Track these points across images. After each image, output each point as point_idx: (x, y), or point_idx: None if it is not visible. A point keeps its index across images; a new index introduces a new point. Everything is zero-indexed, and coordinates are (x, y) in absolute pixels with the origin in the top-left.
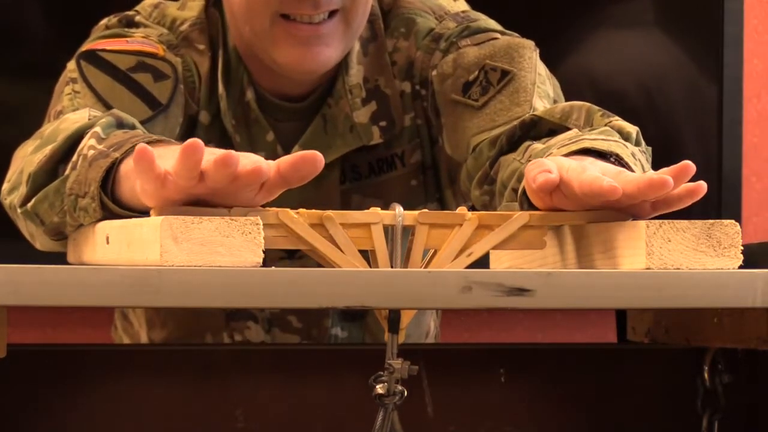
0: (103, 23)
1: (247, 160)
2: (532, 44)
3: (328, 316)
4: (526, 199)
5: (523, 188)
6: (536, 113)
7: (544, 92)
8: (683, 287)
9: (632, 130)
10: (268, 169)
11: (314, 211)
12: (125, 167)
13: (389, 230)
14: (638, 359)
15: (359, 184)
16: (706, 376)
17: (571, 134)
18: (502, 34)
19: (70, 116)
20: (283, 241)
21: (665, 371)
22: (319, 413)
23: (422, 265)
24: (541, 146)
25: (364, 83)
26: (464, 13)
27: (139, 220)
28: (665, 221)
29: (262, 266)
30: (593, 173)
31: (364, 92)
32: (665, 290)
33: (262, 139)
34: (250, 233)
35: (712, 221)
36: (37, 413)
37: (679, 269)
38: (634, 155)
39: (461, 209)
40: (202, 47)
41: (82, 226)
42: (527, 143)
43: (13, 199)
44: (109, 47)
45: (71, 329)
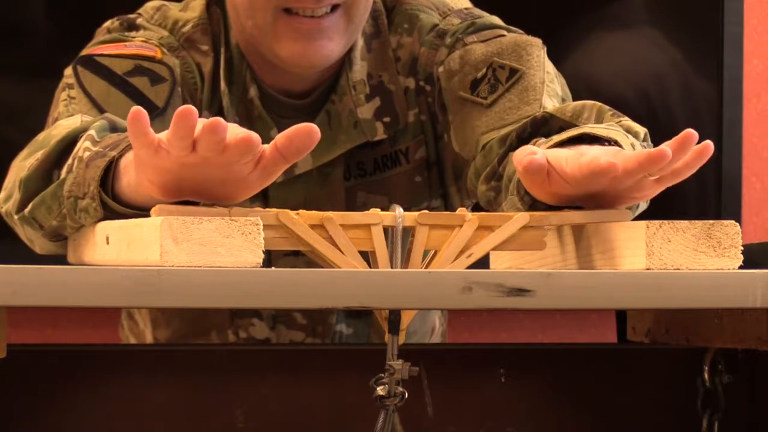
0: (105, 26)
1: (238, 130)
2: (539, 42)
3: (333, 312)
4: (523, 187)
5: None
6: (547, 111)
7: (553, 91)
8: (683, 287)
9: (641, 130)
10: (258, 140)
11: (314, 212)
12: (124, 162)
13: (389, 231)
14: (638, 359)
15: (364, 180)
16: (706, 376)
17: (576, 129)
18: (508, 31)
19: (62, 122)
20: (283, 242)
21: (665, 371)
22: (319, 413)
23: (422, 266)
24: (545, 140)
25: (368, 79)
26: (467, 9)
27: (139, 220)
28: (665, 221)
29: (267, 262)
30: (591, 154)
31: (367, 88)
32: (665, 290)
33: (265, 135)
34: (250, 234)
35: (712, 221)
36: (37, 413)
37: (679, 269)
38: (633, 146)
39: (461, 210)
40: (205, 48)
41: (83, 227)
42: (535, 140)
43: (9, 207)
44: (107, 52)
45: (71, 329)
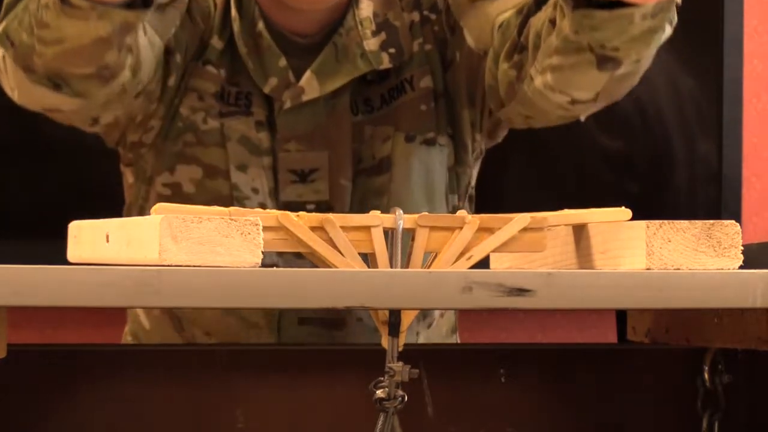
0: None
1: None
2: None
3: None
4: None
5: None
6: None
7: None
8: (683, 287)
9: None
10: None
11: (314, 214)
12: None
13: (390, 234)
14: (638, 359)
15: (371, 116)
16: (706, 376)
17: None
18: None
19: None
20: (282, 243)
21: (665, 371)
22: (319, 413)
23: (423, 268)
24: None
25: (373, 17)
26: None
27: (139, 219)
28: (665, 221)
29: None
30: None
31: (373, 25)
32: (665, 290)
33: (274, 65)
34: (249, 234)
35: (712, 221)
36: (37, 413)
37: (679, 269)
38: None
39: (461, 212)
40: None
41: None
42: None
43: None
44: None
45: (71, 329)
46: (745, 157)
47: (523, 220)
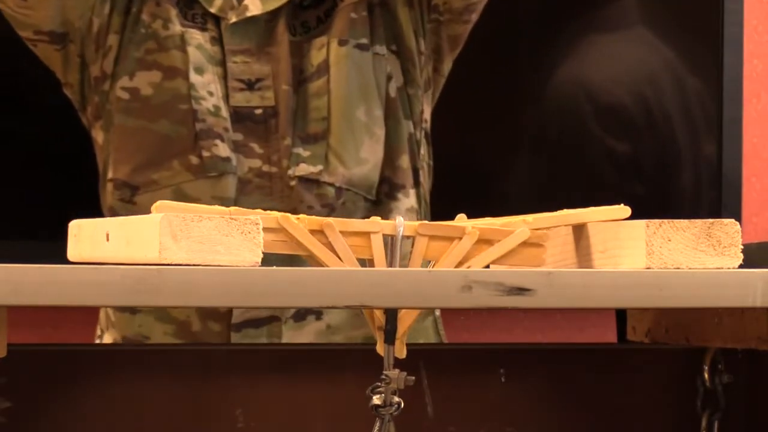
0: None
1: None
2: None
3: (287, 137)
4: None
5: None
6: None
7: None
8: (683, 287)
9: None
10: None
11: (314, 217)
12: None
13: (389, 240)
14: (638, 359)
15: (308, 35)
16: (706, 376)
17: None
18: None
19: None
20: (282, 246)
21: (665, 371)
22: (319, 413)
23: None
24: None
25: None
26: None
27: (138, 217)
28: (665, 220)
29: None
30: None
31: None
32: (665, 290)
33: None
34: (249, 233)
35: (712, 220)
36: (36, 413)
37: (679, 269)
38: None
39: (460, 217)
40: None
41: None
42: None
43: None
44: None
45: (71, 329)
46: (745, 157)
47: (523, 234)
